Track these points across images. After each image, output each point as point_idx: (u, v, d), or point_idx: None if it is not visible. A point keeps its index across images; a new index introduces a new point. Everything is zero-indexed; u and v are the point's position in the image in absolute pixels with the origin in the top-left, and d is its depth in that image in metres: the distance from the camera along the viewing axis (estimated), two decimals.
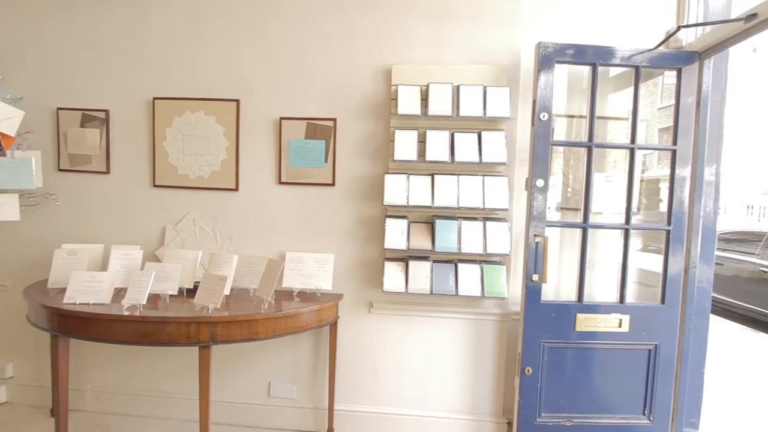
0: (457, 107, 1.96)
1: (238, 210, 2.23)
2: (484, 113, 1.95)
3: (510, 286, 2.09)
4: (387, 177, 2.01)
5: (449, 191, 1.97)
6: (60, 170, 2.33)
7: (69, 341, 1.86)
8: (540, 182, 1.85)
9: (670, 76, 1.98)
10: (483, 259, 2.05)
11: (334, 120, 2.13)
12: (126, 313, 1.73)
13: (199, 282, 2.00)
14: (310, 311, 1.94)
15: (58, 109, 2.30)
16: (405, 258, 2.08)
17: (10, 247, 2.38)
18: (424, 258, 2.06)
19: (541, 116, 1.84)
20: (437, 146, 1.96)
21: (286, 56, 2.16)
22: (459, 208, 1.98)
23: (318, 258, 2.10)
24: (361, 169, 2.16)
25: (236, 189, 2.21)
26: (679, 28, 1.86)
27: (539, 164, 1.85)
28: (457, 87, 1.97)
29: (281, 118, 2.15)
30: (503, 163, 1.97)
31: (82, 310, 1.75)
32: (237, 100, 2.17)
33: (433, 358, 2.19)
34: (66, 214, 2.34)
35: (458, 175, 2.00)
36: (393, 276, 2.05)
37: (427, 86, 1.98)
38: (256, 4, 2.17)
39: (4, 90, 2.23)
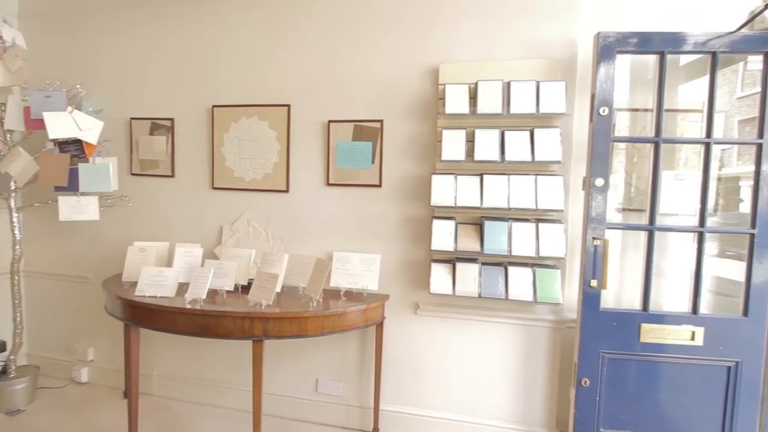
0: (508, 104, 1.89)
1: (288, 211, 2.31)
2: (537, 110, 1.86)
3: (565, 291, 1.97)
4: (434, 177, 1.98)
5: (499, 191, 1.91)
6: (132, 174, 2.55)
7: (139, 330, 2.03)
8: (599, 181, 1.73)
9: (754, 61, 1.77)
10: (535, 263, 1.95)
11: (381, 121, 2.14)
12: (188, 306, 1.86)
13: (252, 279, 2.10)
14: (356, 311, 1.97)
15: (131, 119, 2.52)
16: (452, 260, 2.03)
17: (91, 244, 2.65)
18: (472, 260, 2.00)
19: (601, 111, 1.72)
20: (486, 145, 1.90)
21: (335, 61, 2.21)
22: (509, 209, 1.90)
23: (364, 258, 2.12)
24: (407, 170, 2.15)
25: (287, 191, 2.29)
26: (766, 6, 1.66)
27: (598, 162, 1.73)
28: (508, 83, 1.90)
29: (329, 121, 2.20)
30: (558, 162, 1.87)
31: (150, 302, 1.90)
32: (288, 105, 2.25)
33: (482, 363, 2.13)
34: (137, 214, 2.56)
35: (509, 174, 1.92)
36: (440, 278, 2.02)
37: (476, 84, 1.93)
38: (306, 14, 2.25)
39: (87, 103, 2.49)
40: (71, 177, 2.32)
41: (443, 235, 1.97)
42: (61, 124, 2.23)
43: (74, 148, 2.33)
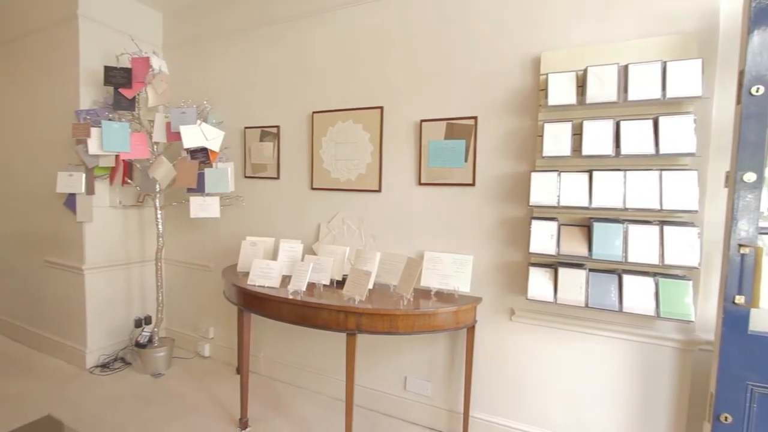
0: (625, 91, 1.66)
1: (380, 210, 2.37)
2: (663, 94, 1.60)
3: (698, 307, 1.67)
4: (533, 175, 1.84)
5: (612, 190, 1.69)
6: (246, 177, 2.88)
7: (251, 315, 2.27)
8: (750, 176, 1.42)
9: None
10: (659, 272, 1.69)
11: (475, 118, 2.07)
12: (290, 296, 2.02)
13: (346, 275, 2.20)
14: (447, 312, 1.93)
15: (245, 127, 2.84)
16: (553, 264, 1.87)
17: (213, 238, 3.06)
18: (578, 265, 1.81)
19: (754, 90, 1.41)
20: (597, 138, 1.70)
21: (428, 59, 2.20)
22: (626, 209, 1.67)
23: (456, 259, 2.07)
24: (503, 168, 2.04)
25: (379, 190, 2.35)
26: None
27: (749, 152, 1.42)
28: (625, 67, 1.67)
29: (421, 121, 2.20)
30: (691, 154, 1.58)
31: (259, 291, 2.11)
32: (381, 107, 2.31)
33: (587, 380, 1.91)
34: (249, 213, 2.88)
35: (625, 170, 1.69)
36: (539, 283, 1.87)
37: (585, 71, 1.74)
38: (396, 17, 2.27)
39: (211, 116, 2.88)
40: (199, 180, 2.70)
41: (544, 238, 1.82)
42: (192, 136, 2.61)
43: (202, 155, 2.71)
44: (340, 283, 2.21)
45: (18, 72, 3.21)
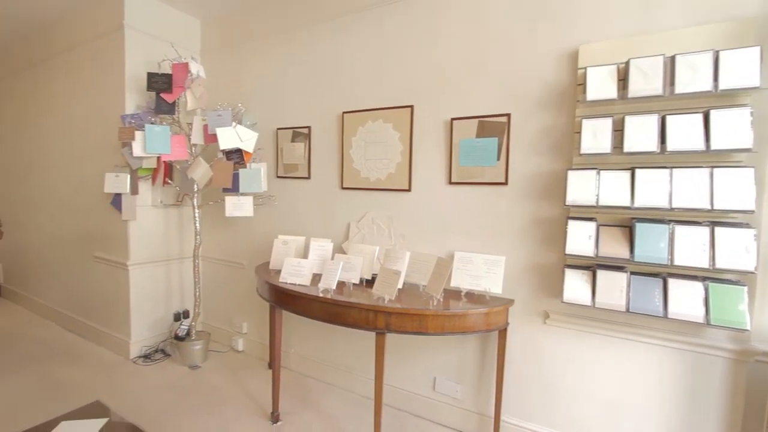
0: (671, 83, 1.57)
1: (410, 209, 2.36)
2: (715, 86, 1.49)
3: (755, 315, 1.55)
4: (570, 174, 1.77)
5: (657, 188, 1.59)
6: (278, 177, 2.94)
7: (282, 312, 2.32)
8: None
9: None
10: (709, 276, 1.58)
11: (508, 115, 2.01)
12: (321, 295, 2.05)
13: (376, 274, 2.21)
14: (478, 313, 1.89)
15: (277, 129, 2.91)
16: (591, 266, 1.79)
17: (246, 236, 3.15)
18: (618, 268, 1.73)
19: None
20: (640, 134, 1.61)
21: (459, 56, 2.16)
22: (672, 209, 1.57)
23: (488, 259, 2.02)
24: (537, 166, 1.97)
25: (409, 190, 2.34)
26: None
27: None
28: (672, 58, 1.57)
29: (452, 119, 2.16)
30: (747, 150, 1.46)
31: (291, 288, 2.15)
32: (411, 106, 2.30)
33: (628, 389, 1.82)
34: (281, 212, 2.95)
35: (671, 167, 1.59)
36: (575, 286, 1.79)
37: (627, 63, 1.65)
38: (426, 15, 2.25)
39: (246, 118, 2.96)
40: (234, 180, 2.79)
41: (581, 238, 1.74)
42: (228, 137, 2.70)
43: (236, 156, 2.80)
44: (370, 282, 2.21)
45: (71, 80, 3.44)
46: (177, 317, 3.15)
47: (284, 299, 2.20)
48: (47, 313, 3.90)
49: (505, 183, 2.04)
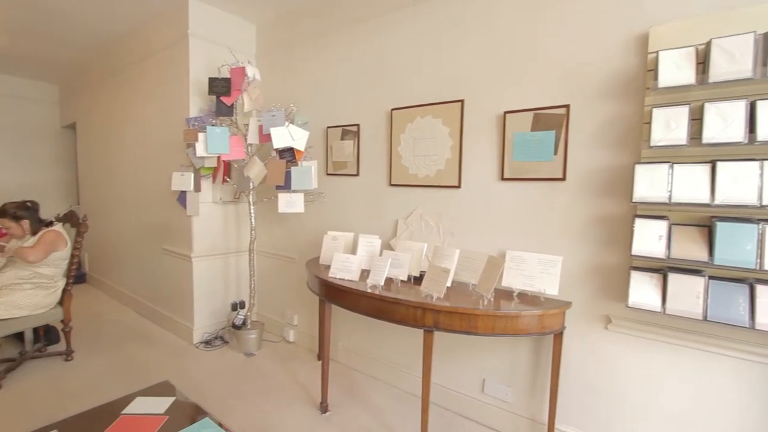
0: (764, 64, 1.38)
1: (459, 206, 2.31)
2: None
3: None
4: (638, 168, 1.62)
5: (744, 183, 1.42)
6: (327, 174, 3.02)
7: (331, 306, 2.38)
8: None
9: None
10: None
11: (567, 107, 1.90)
12: (369, 290, 2.07)
13: (424, 271, 2.19)
14: (531, 315, 1.81)
15: (327, 127, 2.98)
16: (662, 269, 1.64)
17: (297, 231, 3.27)
18: (694, 271, 1.56)
19: None
20: (723, 122, 1.44)
21: (512, 46, 2.07)
22: (762, 206, 1.39)
23: (543, 259, 1.93)
24: (599, 161, 1.84)
25: (458, 186, 2.29)
26: None
27: None
28: (765, 35, 1.39)
29: (505, 112, 2.08)
30: None
31: (340, 283, 2.19)
32: (461, 100, 2.24)
33: (701, 406, 1.65)
34: (330, 208, 3.02)
35: (761, 160, 1.41)
36: (642, 289, 1.65)
37: (707, 44, 1.48)
38: (481, 4, 2.17)
39: (298, 118, 3.07)
40: (286, 178, 2.90)
41: (650, 238, 1.60)
42: (281, 137, 2.81)
43: (288, 155, 2.90)
44: (418, 280, 2.20)
45: (144, 87, 3.77)
46: (234, 307, 3.35)
47: (333, 294, 2.25)
48: (124, 299, 4.33)
49: (563, 179, 1.92)
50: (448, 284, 2.01)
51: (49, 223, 2.85)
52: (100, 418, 1.61)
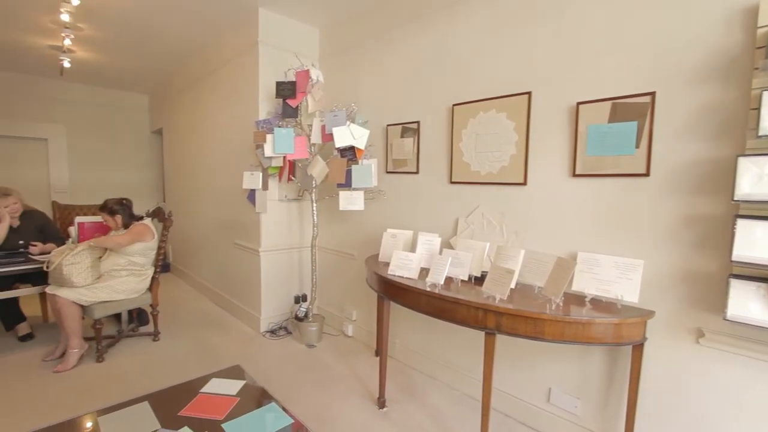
0: None
1: (525, 204, 2.20)
2: None
3: None
4: (742, 161, 1.41)
5: None
6: (387, 172, 3.04)
7: (390, 303, 2.39)
8: None
9: None
10: None
11: (652, 94, 1.71)
12: (428, 289, 2.05)
13: (485, 272, 2.12)
14: (607, 323, 1.66)
15: (387, 125, 3.00)
16: None
17: (357, 228, 3.34)
18: None
19: None
20: None
21: (588, 31, 1.92)
22: None
23: (620, 262, 1.76)
24: (691, 153, 1.64)
25: (524, 183, 2.17)
26: None
27: None
28: None
29: (578, 103, 1.93)
30: None
31: (399, 281, 2.19)
32: (528, 93, 2.13)
33: None
34: (389, 206, 3.04)
35: None
36: (745, 300, 1.44)
37: None
38: None
39: (358, 117, 3.12)
40: (347, 176, 2.97)
41: (756, 242, 1.39)
42: (342, 136, 2.88)
43: (349, 154, 2.97)
44: (479, 280, 2.14)
45: (218, 94, 4.10)
46: (297, 300, 3.51)
47: (392, 291, 2.26)
48: (201, 288, 4.75)
49: (646, 174, 1.74)
50: (512, 286, 1.92)
51: (140, 218, 3.21)
52: (181, 394, 1.77)
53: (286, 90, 3.11)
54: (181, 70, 4.98)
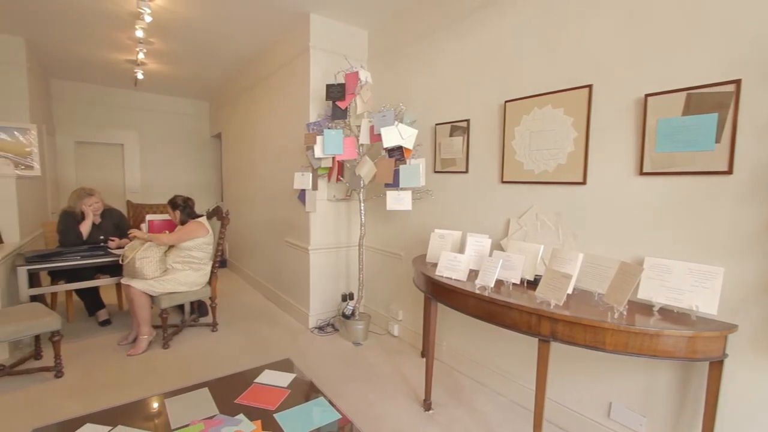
0: None
1: (584, 205, 2.06)
2: None
3: None
4: None
5: None
6: (435, 172, 3.00)
7: (437, 304, 2.35)
8: None
9: None
10: None
11: (737, 82, 1.53)
12: (477, 291, 1.99)
13: (538, 275, 2.02)
14: (679, 336, 1.51)
15: (436, 124, 2.96)
16: None
17: (404, 228, 3.33)
18: None
19: None
20: None
21: (658, 16, 1.76)
22: None
23: (696, 270, 1.60)
24: None
25: (583, 182, 2.04)
26: None
27: None
28: None
29: (646, 95, 1.78)
30: None
31: (447, 282, 2.15)
32: (589, 86, 2.00)
33: None
34: (437, 206, 3.00)
35: None
36: None
37: None
38: None
39: (406, 117, 3.12)
40: (394, 176, 2.98)
41: None
42: (390, 136, 2.89)
43: (397, 153, 2.97)
44: (531, 284, 2.04)
45: (271, 98, 4.29)
46: (344, 298, 3.58)
47: (440, 292, 2.23)
48: (254, 283, 4.99)
49: (729, 172, 1.56)
50: (569, 291, 1.81)
51: (197, 216, 3.43)
52: (237, 382, 1.87)
53: (336, 92, 3.18)
54: (237, 77, 5.28)
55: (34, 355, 2.89)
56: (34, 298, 3.05)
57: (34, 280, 3.13)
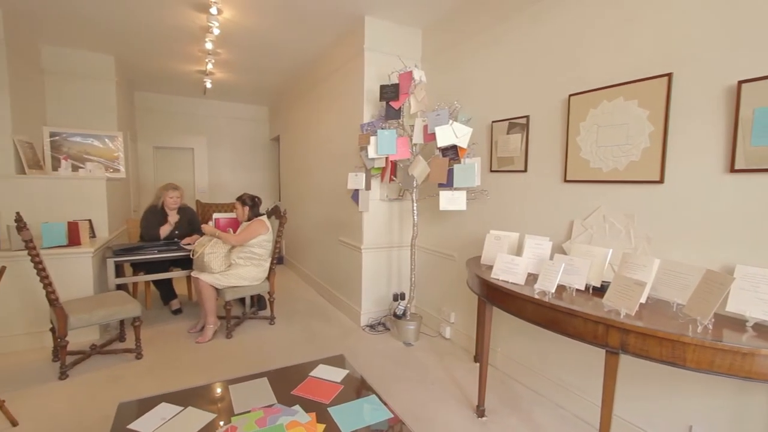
0: None
1: (660, 206, 1.88)
2: None
3: None
4: None
5: None
6: (491, 171, 2.90)
7: (492, 308, 2.27)
8: None
9: None
10: None
11: None
12: (536, 296, 1.89)
13: (606, 282, 1.87)
14: None
15: (492, 122, 2.86)
16: None
17: (458, 229, 3.26)
18: None
19: None
20: None
21: None
22: None
23: None
24: None
25: (660, 181, 1.86)
26: None
27: None
28: None
29: (739, 82, 1.57)
30: None
31: (503, 286, 2.06)
32: (668, 75, 1.81)
33: None
34: (493, 206, 2.90)
35: None
36: None
37: None
38: None
39: (461, 115, 3.05)
40: (448, 176, 2.93)
41: None
42: (444, 135, 2.84)
43: (451, 153, 2.92)
44: (598, 291, 1.90)
45: (326, 101, 4.42)
46: (395, 297, 3.59)
47: (495, 296, 2.15)
48: (309, 280, 5.18)
49: None
50: (642, 300, 1.66)
51: (260, 215, 3.63)
52: (294, 374, 1.94)
53: (390, 93, 3.20)
54: (295, 82, 5.52)
55: (119, 338, 3.24)
56: (119, 287, 3.43)
57: (119, 270, 3.52)
